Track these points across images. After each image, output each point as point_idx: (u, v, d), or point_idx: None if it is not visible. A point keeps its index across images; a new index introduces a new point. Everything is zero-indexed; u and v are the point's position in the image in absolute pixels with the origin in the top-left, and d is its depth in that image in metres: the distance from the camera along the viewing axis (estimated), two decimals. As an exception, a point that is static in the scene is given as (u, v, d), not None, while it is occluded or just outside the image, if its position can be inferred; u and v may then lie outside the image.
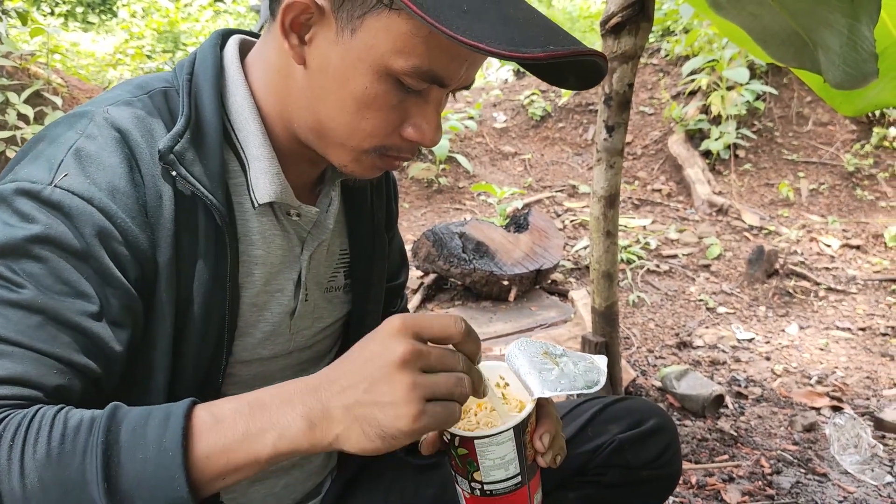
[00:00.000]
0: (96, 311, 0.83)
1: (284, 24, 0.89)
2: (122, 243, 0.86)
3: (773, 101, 5.87)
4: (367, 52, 0.86)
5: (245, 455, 0.77)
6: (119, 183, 0.87)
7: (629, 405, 1.38)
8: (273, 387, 0.81)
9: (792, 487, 2.18)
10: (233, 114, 1.00)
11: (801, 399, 2.83)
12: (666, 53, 6.62)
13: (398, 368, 0.76)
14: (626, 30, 1.97)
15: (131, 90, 0.98)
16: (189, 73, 0.98)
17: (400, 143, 0.96)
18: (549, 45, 0.79)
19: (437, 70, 0.87)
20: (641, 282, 4.10)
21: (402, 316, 0.79)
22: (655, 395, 2.75)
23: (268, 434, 0.76)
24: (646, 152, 5.95)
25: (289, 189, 1.02)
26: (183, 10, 11.57)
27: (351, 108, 0.91)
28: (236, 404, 0.79)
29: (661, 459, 1.33)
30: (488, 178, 5.68)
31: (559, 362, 0.94)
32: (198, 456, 0.75)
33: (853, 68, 1.65)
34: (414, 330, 0.78)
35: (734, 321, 3.67)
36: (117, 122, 0.91)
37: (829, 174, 5.43)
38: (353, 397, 0.76)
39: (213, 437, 0.76)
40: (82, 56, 8.70)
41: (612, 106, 2.11)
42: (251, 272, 1.04)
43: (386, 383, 0.76)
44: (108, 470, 0.73)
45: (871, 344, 3.44)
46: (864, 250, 4.57)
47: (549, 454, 0.96)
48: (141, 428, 0.75)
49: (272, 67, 0.98)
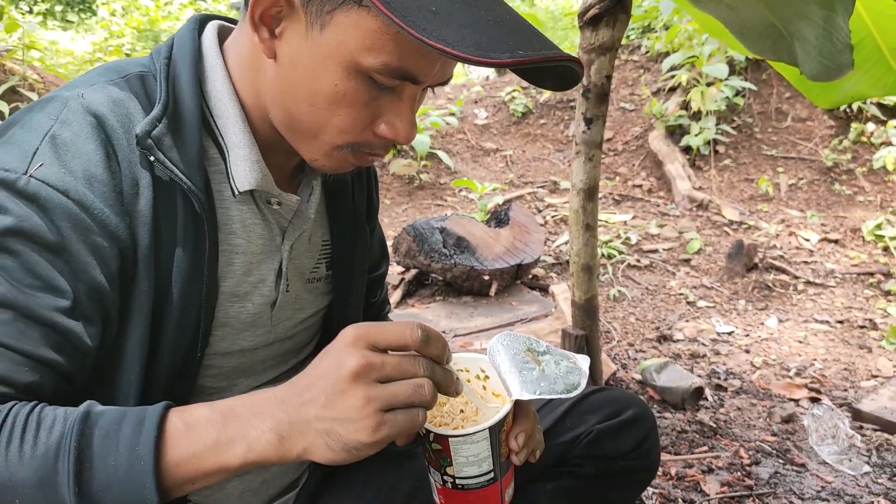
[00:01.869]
0: (69, 307, 0.82)
1: (254, 18, 0.88)
2: (99, 234, 0.85)
3: (752, 96, 5.91)
4: (336, 49, 0.85)
5: (215, 463, 0.78)
6: (96, 171, 0.85)
7: (608, 395, 1.37)
8: (245, 396, 0.81)
9: (770, 478, 2.19)
10: (212, 100, 0.98)
11: (780, 391, 2.84)
12: (646, 50, 6.64)
13: (351, 382, 0.76)
14: (603, 21, 1.97)
15: (107, 74, 0.96)
16: (167, 57, 0.97)
17: (373, 139, 0.94)
18: (517, 49, 0.78)
19: (408, 67, 0.86)
20: (622, 276, 4.12)
21: (356, 326, 0.79)
22: (635, 388, 2.76)
23: (238, 444, 0.77)
24: (626, 148, 5.97)
25: (269, 177, 1.01)
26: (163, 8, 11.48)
27: (321, 104, 0.90)
28: (208, 412, 0.79)
29: (640, 450, 1.32)
30: (470, 175, 5.68)
31: (541, 361, 0.94)
32: (169, 462, 0.76)
33: (829, 60, 1.66)
34: (367, 341, 0.78)
35: (714, 315, 3.69)
36: (93, 107, 0.89)
37: (808, 169, 5.47)
38: (314, 412, 0.77)
39: (185, 444, 0.77)
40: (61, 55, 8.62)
41: (591, 98, 2.11)
42: (231, 261, 1.02)
43: (340, 398, 0.76)
44: (79, 474, 0.73)
45: (849, 336, 3.47)
46: (843, 244, 4.60)
47: (522, 453, 0.96)
48: (114, 432, 0.75)
49: (246, 58, 0.97)
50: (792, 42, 1.69)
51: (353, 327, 0.79)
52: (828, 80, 1.72)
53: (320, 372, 0.79)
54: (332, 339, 1.25)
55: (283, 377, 1.16)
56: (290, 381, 0.82)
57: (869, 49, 1.98)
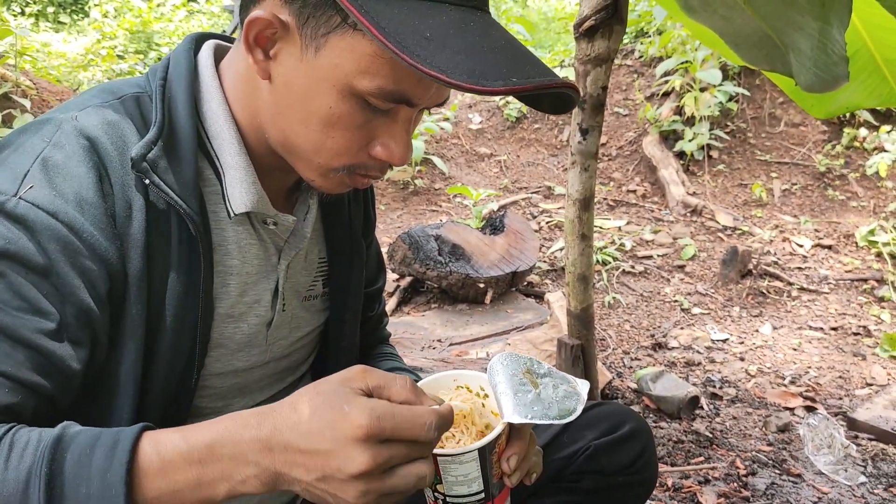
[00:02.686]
0: (54, 329, 0.81)
1: (249, 40, 0.87)
2: (89, 257, 0.84)
3: (745, 102, 5.92)
4: (331, 72, 0.85)
5: (197, 499, 0.76)
6: (87, 194, 0.85)
7: (604, 410, 1.37)
8: (224, 428, 0.77)
9: (767, 489, 2.19)
10: (207, 121, 0.98)
11: (775, 399, 2.84)
12: (640, 55, 6.65)
13: (353, 479, 0.74)
14: (599, 33, 1.97)
15: (102, 95, 0.95)
16: (162, 78, 0.96)
17: (368, 161, 0.94)
18: (511, 76, 0.77)
19: (403, 91, 0.86)
20: (617, 283, 4.11)
21: (370, 413, 0.73)
22: (631, 396, 2.76)
23: (221, 485, 0.76)
24: (621, 153, 5.98)
25: (265, 198, 1.00)
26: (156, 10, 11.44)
27: (316, 126, 0.89)
28: (185, 448, 0.76)
29: (637, 465, 1.32)
30: (464, 180, 5.68)
31: (539, 384, 0.92)
32: (145, 496, 0.75)
33: (824, 71, 1.66)
34: (380, 436, 0.74)
35: (709, 322, 3.69)
36: (86, 130, 0.88)
37: (802, 174, 5.48)
38: (305, 478, 0.75)
39: (162, 482, 0.75)
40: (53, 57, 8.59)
41: (586, 109, 2.10)
42: (226, 283, 1.02)
43: (339, 485, 0.74)
44: (50, 500, 0.72)
45: (844, 343, 3.47)
46: (836, 250, 4.61)
47: (515, 475, 0.94)
48: (87, 458, 0.74)
49: (241, 78, 0.97)
50: (787, 53, 1.68)
51: (366, 415, 0.73)
52: (823, 91, 1.72)
53: (322, 443, 0.74)
54: (329, 356, 1.25)
55: (279, 395, 1.15)
56: (278, 413, 0.77)
57: (864, 60, 1.98)
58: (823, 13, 1.56)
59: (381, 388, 0.78)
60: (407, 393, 0.79)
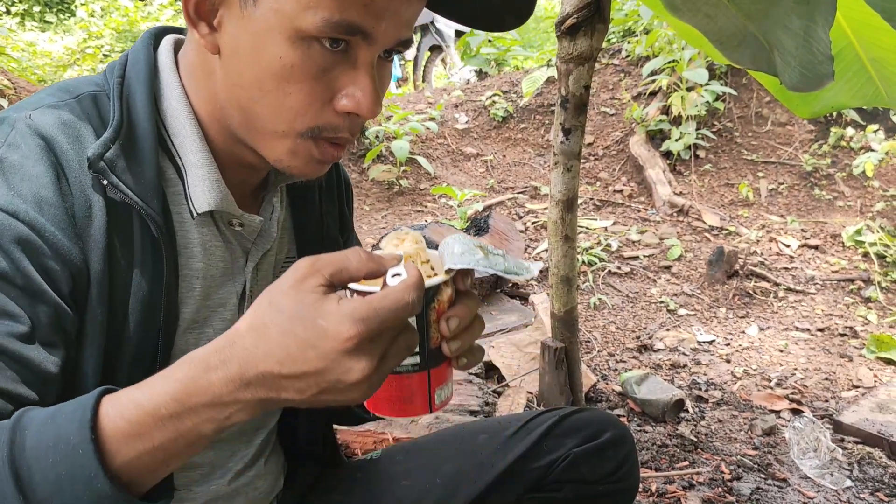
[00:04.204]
0: (26, 332, 0.77)
1: (189, 13, 0.84)
2: (51, 257, 0.81)
3: (732, 101, 5.90)
4: (274, 18, 0.80)
5: (184, 446, 0.72)
6: (45, 193, 0.81)
7: (585, 417, 1.34)
8: (189, 383, 0.70)
9: (752, 493, 2.16)
10: (168, 118, 0.94)
11: (761, 402, 2.82)
12: (627, 54, 6.63)
13: (357, 384, 0.69)
14: (581, 31, 1.94)
15: (57, 94, 0.92)
16: (120, 75, 0.92)
17: (335, 119, 0.87)
18: None
19: (353, 19, 0.80)
20: (603, 284, 4.09)
21: (351, 320, 0.67)
22: (616, 400, 2.73)
23: (204, 428, 0.71)
24: (607, 153, 5.95)
25: (229, 197, 0.97)
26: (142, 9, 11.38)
27: (270, 85, 0.84)
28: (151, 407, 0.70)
29: (619, 473, 1.29)
30: (450, 180, 5.64)
31: (490, 254, 0.84)
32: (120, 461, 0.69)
33: (809, 70, 1.63)
34: (370, 340, 0.69)
35: (695, 323, 3.67)
36: (41, 129, 0.84)
37: (788, 174, 5.47)
38: (300, 397, 0.70)
39: (136, 443, 0.70)
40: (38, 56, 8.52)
41: (569, 108, 2.07)
42: (192, 286, 0.98)
43: (342, 392, 0.70)
44: (19, 481, 0.67)
45: (830, 345, 3.45)
46: (823, 250, 4.60)
47: (455, 343, 0.83)
48: (48, 428, 0.69)
49: (195, 66, 0.93)
50: (771, 52, 1.66)
51: (353, 320, 0.67)
52: (808, 90, 1.69)
53: (306, 363, 0.68)
54: None
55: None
56: (240, 345, 0.70)
57: (849, 59, 1.95)
58: (808, 11, 1.53)
59: (339, 273, 0.72)
60: (366, 264, 0.73)
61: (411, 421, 2.18)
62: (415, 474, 1.30)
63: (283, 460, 1.28)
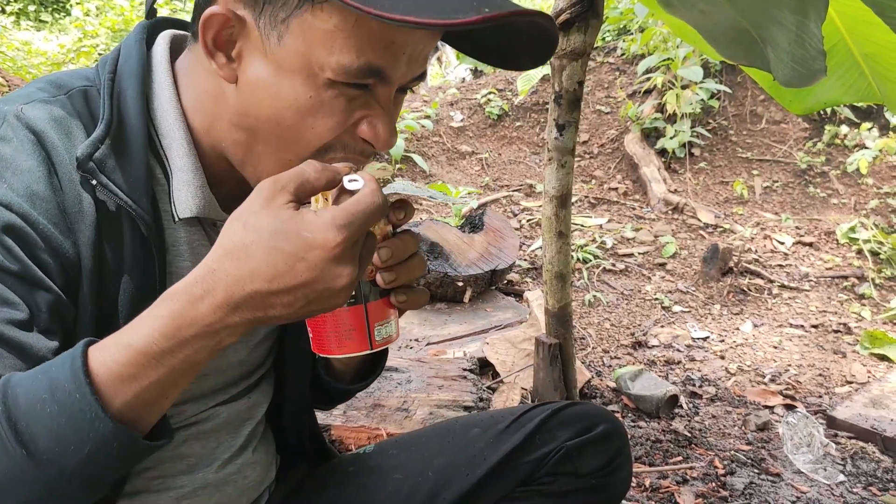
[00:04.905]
0: (24, 319, 0.77)
1: (207, 44, 0.83)
2: (44, 250, 0.80)
3: (727, 99, 5.92)
4: (298, 59, 0.81)
5: (180, 377, 0.74)
6: (37, 187, 0.81)
7: (578, 410, 1.34)
8: (177, 317, 0.71)
9: (745, 488, 2.16)
10: (158, 119, 0.93)
11: (755, 398, 2.83)
12: (622, 52, 6.64)
13: (344, 290, 0.71)
14: (575, 27, 1.94)
15: (48, 88, 0.91)
16: (112, 71, 0.91)
17: (350, 139, 0.88)
18: (483, 7, 0.73)
19: (374, 63, 0.81)
20: (598, 281, 4.09)
21: (334, 227, 0.69)
22: (610, 395, 2.73)
23: (198, 356, 0.73)
24: (602, 151, 5.96)
25: (213, 202, 0.96)
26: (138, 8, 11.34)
27: (291, 120, 0.84)
28: (141, 346, 0.71)
29: (611, 466, 1.29)
30: (445, 178, 5.64)
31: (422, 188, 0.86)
32: (117, 404, 0.71)
33: (802, 66, 1.64)
34: (353, 243, 0.71)
35: (689, 320, 3.68)
36: (32, 123, 0.84)
37: (783, 172, 5.48)
38: (288, 312, 0.72)
39: (132, 385, 0.71)
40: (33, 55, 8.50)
41: (563, 104, 2.07)
42: None
43: (328, 299, 0.72)
44: (19, 436, 0.68)
45: (824, 341, 3.46)
46: (817, 247, 4.61)
47: (388, 273, 0.84)
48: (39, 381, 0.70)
49: (200, 88, 0.92)
50: (764, 47, 1.66)
51: (335, 227, 0.69)
52: (801, 86, 1.70)
53: (295, 277, 0.70)
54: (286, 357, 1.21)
55: (233, 399, 1.11)
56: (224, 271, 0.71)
57: (842, 55, 1.96)
58: (801, 7, 1.54)
59: (301, 186, 0.73)
60: (323, 173, 0.75)
61: (405, 417, 2.18)
62: (407, 467, 1.30)
63: (274, 450, 1.27)
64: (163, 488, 1.05)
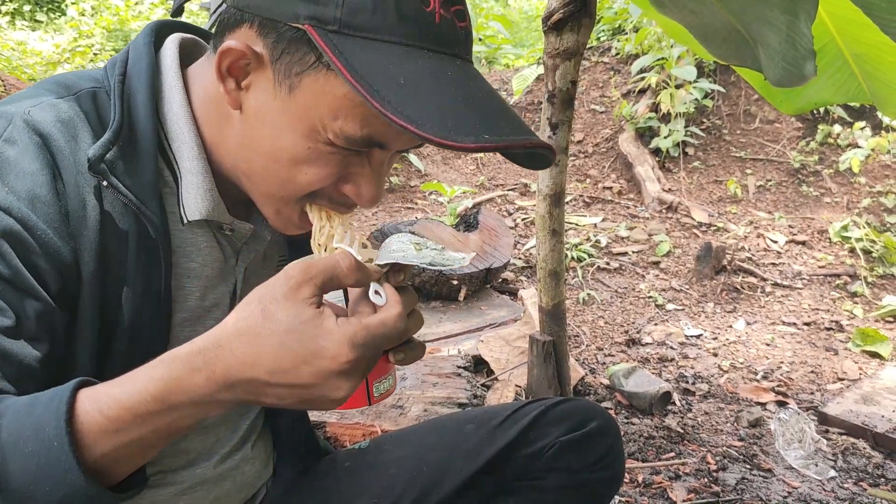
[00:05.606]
0: (10, 326, 0.78)
1: (221, 69, 0.85)
2: (40, 255, 0.81)
3: (721, 98, 5.94)
4: (304, 112, 0.83)
5: (158, 440, 0.74)
6: (40, 191, 0.82)
7: (571, 407, 1.35)
8: (172, 382, 0.72)
9: (737, 484, 2.18)
10: (168, 122, 0.94)
11: (748, 394, 2.85)
12: (616, 52, 6.65)
13: (338, 401, 0.74)
14: (568, 26, 1.95)
15: (56, 89, 0.91)
16: (121, 73, 0.93)
17: (334, 192, 0.92)
18: (483, 133, 0.75)
19: (375, 135, 0.84)
20: (592, 279, 4.11)
21: (350, 345, 0.71)
22: (604, 393, 2.75)
23: (182, 423, 0.74)
24: (597, 150, 5.98)
25: (221, 205, 0.97)
26: (133, 8, 11.32)
27: (285, 161, 0.87)
28: (130, 404, 0.70)
29: (604, 461, 1.31)
30: (440, 177, 5.66)
31: (423, 248, 0.87)
32: (96, 454, 0.71)
33: (792, 65, 1.65)
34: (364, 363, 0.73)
35: (683, 318, 3.70)
36: (38, 126, 0.85)
37: (776, 171, 5.51)
38: (280, 403, 0.74)
39: (113, 439, 0.71)
40: (28, 55, 8.48)
41: (556, 103, 2.09)
42: (185, 286, 0.99)
43: (321, 403, 0.74)
44: None
45: (816, 339, 3.49)
46: (810, 246, 4.63)
47: None
48: (25, 417, 0.70)
49: (212, 99, 0.94)
50: (755, 47, 1.68)
51: (346, 331, 0.71)
52: (791, 85, 1.71)
53: (297, 358, 0.71)
54: None
55: None
56: (229, 350, 0.72)
57: (832, 55, 1.98)
58: (791, 6, 1.55)
59: (330, 281, 0.75)
60: (355, 273, 0.77)
61: (400, 414, 2.19)
62: (402, 463, 1.31)
63: (271, 446, 1.29)
64: (162, 483, 1.06)
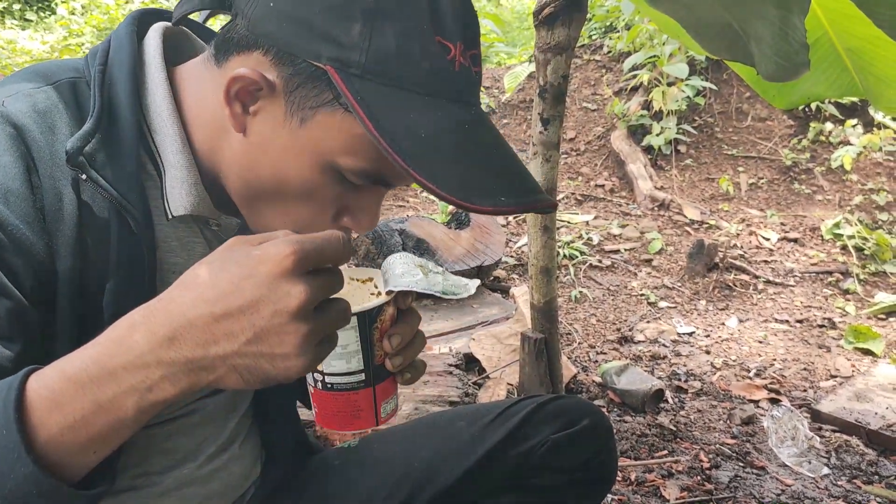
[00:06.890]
0: None
1: (229, 93, 0.83)
2: (12, 252, 0.78)
3: (713, 96, 5.93)
4: (313, 145, 0.82)
5: (105, 424, 0.68)
6: (13, 185, 0.79)
7: (563, 404, 1.34)
8: (111, 343, 0.68)
9: (730, 481, 2.17)
10: (150, 114, 0.91)
11: (740, 392, 2.84)
12: (608, 50, 6.65)
13: (294, 319, 0.65)
14: (559, 21, 1.94)
15: (34, 79, 0.88)
16: (102, 63, 0.89)
17: (329, 226, 0.90)
18: (500, 195, 0.77)
19: (385, 174, 0.84)
20: (584, 277, 4.10)
21: (288, 241, 0.66)
22: (596, 391, 2.73)
23: (126, 401, 0.67)
24: (589, 148, 5.97)
25: (207, 200, 0.94)
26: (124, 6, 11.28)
27: (288, 192, 0.86)
28: (72, 371, 0.67)
29: (596, 460, 1.29)
30: (432, 175, 5.63)
31: (429, 272, 0.90)
32: (46, 436, 0.66)
33: (785, 60, 1.64)
34: (307, 267, 0.67)
35: (675, 315, 3.69)
36: (13, 117, 0.81)
37: (768, 169, 5.51)
38: (232, 348, 0.66)
39: (58, 415, 0.66)
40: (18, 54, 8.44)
41: (547, 98, 2.07)
42: (170, 281, 0.96)
43: (277, 335, 0.66)
44: None
45: (809, 336, 3.48)
46: (802, 243, 4.63)
47: (397, 358, 0.88)
48: None
49: (209, 114, 0.91)
50: (748, 42, 1.67)
51: (287, 244, 0.66)
52: (784, 80, 1.70)
53: (243, 299, 0.65)
54: None
55: (217, 392, 1.10)
56: (168, 298, 0.68)
57: (825, 49, 1.97)
58: (784, 0, 1.54)
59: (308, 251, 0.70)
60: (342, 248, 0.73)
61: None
62: (393, 461, 1.29)
63: (259, 445, 1.27)
64: (148, 484, 1.04)
